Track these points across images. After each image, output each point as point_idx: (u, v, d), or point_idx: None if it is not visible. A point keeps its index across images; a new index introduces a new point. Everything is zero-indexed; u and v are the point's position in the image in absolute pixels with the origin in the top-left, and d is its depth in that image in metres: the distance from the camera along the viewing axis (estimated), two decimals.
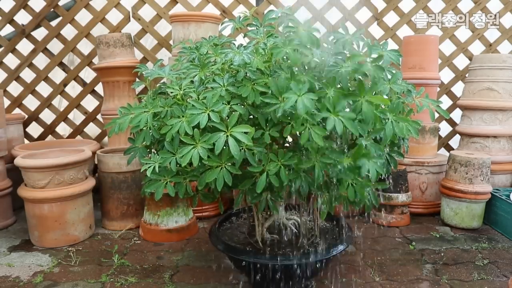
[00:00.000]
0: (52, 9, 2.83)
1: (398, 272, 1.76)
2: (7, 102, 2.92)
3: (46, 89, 2.98)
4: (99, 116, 2.97)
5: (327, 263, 1.53)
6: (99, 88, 2.92)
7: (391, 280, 1.69)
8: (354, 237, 2.13)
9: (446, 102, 2.98)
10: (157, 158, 1.25)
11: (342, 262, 1.84)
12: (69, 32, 2.88)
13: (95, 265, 1.84)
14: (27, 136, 3.01)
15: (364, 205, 2.61)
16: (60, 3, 2.86)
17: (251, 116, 1.28)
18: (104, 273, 1.75)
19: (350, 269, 1.79)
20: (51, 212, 2.00)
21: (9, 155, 2.42)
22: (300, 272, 1.42)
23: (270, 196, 1.34)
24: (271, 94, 1.15)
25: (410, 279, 1.70)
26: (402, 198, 2.30)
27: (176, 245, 2.07)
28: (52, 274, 1.75)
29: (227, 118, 1.16)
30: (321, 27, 3.00)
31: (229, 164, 1.17)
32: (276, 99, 1.13)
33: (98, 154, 2.27)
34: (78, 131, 3.04)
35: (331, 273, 1.73)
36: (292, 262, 1.36)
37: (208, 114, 1.15)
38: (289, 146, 1.41)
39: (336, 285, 1.64)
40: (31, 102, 3.00)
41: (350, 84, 1.18)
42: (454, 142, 2.97)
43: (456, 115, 2.88)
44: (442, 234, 2.21)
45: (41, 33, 2.91)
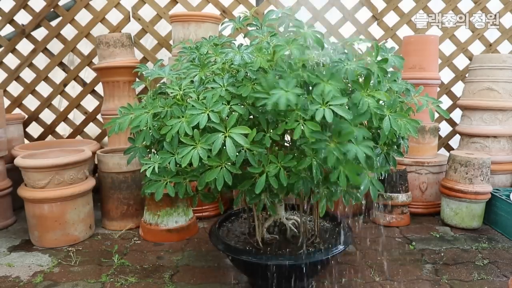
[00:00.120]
0: (52, 9, 2.83)
1: (398, 272, 1.76)
2: (7, 102, 2.92)
3: (46, 89, 2.98)
4: (99, 116, 2.97)
5: (327, 263, 1.53)
6: (99, 88, 2.92)
7: (391, 280, 1.69)
8: (354, 237, 2.13)
9: (446, 102, 2.98)
10: (156, 158, 1.25)
11: (342, 262, 1.84)
12: (69, 32, 2.88)
13: (95, 265, 1.84)
14: (27, 136, 3.01)
15: (364, 204, 2.60)
16: (60, 3, 2.86)
17: (252, 117, 1.28)
18: (104, 273, 1.75)
19: (350, 269, 1.78)
20: (51, 212, 2.00)
21: (9, 155, 2.42)
22: (300, 272, 1.42)
23: (269, 197, 1.34)
24: (263, 90, 1.16)
25: (410, 279, 1.70)
26: (402, 198, 2.30)
27: (176, 245, 2.07)
28: (52, 274, 1.75)
29: (227, 118, 1.16)
30: (321, 27, 3.00)
31: (229, 164, 1.17)
32: (267, 94, 1.14)
33: (98, 154, 2.27)
34: (78, 131, 3.04)
35: (331, 273, 1.73)
36: (292, 262, 1.36)
37: (208, 115, 1.15)
38: (288, 146, 1.40)
39: (336, 285, 1.65)
40: (31, 102, 3.00)
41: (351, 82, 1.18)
42: (454, 142, 2.97)
43: (456, 115, 2.88)
44: (442, 234, 2.21)
45: (41, 33, 2.91)
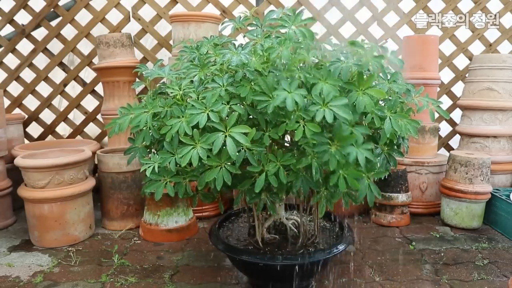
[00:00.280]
0: (52, 9, 2.83)
1: (398, 272, 1.76)
2: (7, 102, 2.92)
3: (46, 89, 2.98)
4: (99, 116, 2.97)
5: (327, 263, 1.53)
6: (99, 88, 2.92)
7: (391, 280, 1.69)
8: (354, 237, 2.13)
9: (446, 102, 2.98)
10: (156, 158, 1.25)
11: (342, 262, 1.84)
12: (69, 32, 2.88)
13: (95, 265, 1.84)
14: (27, 136, 3.01)
15: (363, 204, 2.60)
16: (60, 3, 2.86)
17: (251, 117, 1.28)
18: (104, 273, 1.75)
19: (350, 269, 1.78)
20: (51, 212, 2.00)
21: (9, 155, 2.42)
22: (300, 272, 1.42)
23: (269, 196, 1.34)
24: (262, 92, 1.16)
25: (410, 279, 1.70)
26: (402, 198, 2.30)
27: (176, 245, 2.07)
28: (52, 274, 1.75)
29: (227, 118, 1.16)
30: (321, 27, 2.99)
31: (228, 163, 1.18)
32: (267, 96, 1.14)
33: (98, 154, 2.27)
34: (78, 131, 3.05)
35: (331, 273, 1.73)
36: (292, 262, 1.36)
37: (208, 114, 1.15)
38: (288, 145, 1.41)
39: (336, 285, 1.65)
40: (31, 102, 3.00)
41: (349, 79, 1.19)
42: (454, 142, 2.97)
43: (456, 115, 2.88)
44: (442, 234, 2.21)
45: (41, 33, 2.91)
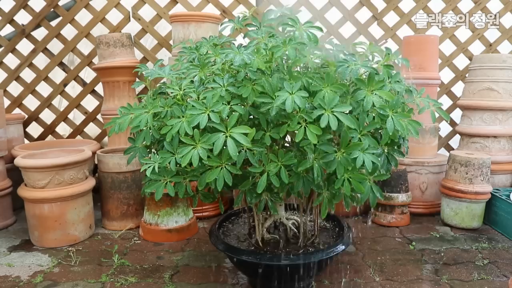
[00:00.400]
0: (52, 9, 2.83)
1: (398, 272, 1.76)
2: (7, 102, 2.92)
3: (46, 89, 2.98)
4: (99, 116, 2.97)
5: (327, 263, 1.53)
6: (99, 88, 2.92)
7: (391, 280, 1.69)
8: (354, 237, 2.13)
9: (446, 102, 2.98)
10: (156, 158, 1.25)
11: (342, 262, 1.84)
12: (69, 32, 2.88)
13: (95, 265, 1.84)
14: (27, 136, 3.01)
15: (364, 204, 2.60)
16: (60, 3, 2.86)
17: (252, 117, 1.28)
18: (104, 273, 1.75)
19: (350, 269, 1.78)
20: (51, 212, 2.00)
21: (9, 155, 2.42)
22: (300, 272, 1.42)
23: (270, 196, 1.34)
24: (266, 94, 1.16)
25: (410, 279, 1.70)
26: (402, 198, 2.30)
27: (176, 245, 2.07)
28: (52, 274, 1.75)
29: (227, 118, 1.16)
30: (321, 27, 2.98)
31: (229, 164, 1.17)
32: (271, 98, 1.14)
33: (98, 154, 2.27)
34: (78, 131, 3.04)
35: (331, 273, 1.73)
36: (292, 262, 1.36)
37: (208, 115, 1.15)
38: (288, 146, 1.40)
39: (336, 285, 1.65)
40: (31, 102, 3.00)
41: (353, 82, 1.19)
42: (454, 142, 2.97)
43: (456, 115, 2.88)
44: (442, 234, 2.21)
45: (41, 33, 2.91)
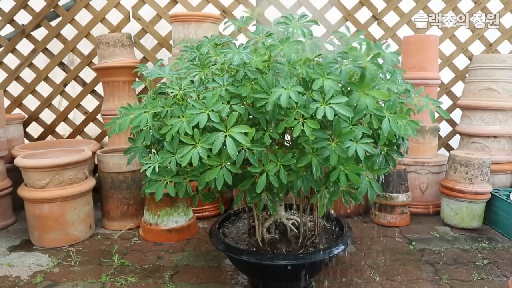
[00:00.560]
0: (52, 9, 2.84)
1: (398, 272, 1.76)
2: (7, 102, 2.93)
3: (46, 89, 2.98)
4: (99, 116, 2.97)
5: (327, 263, 1.53)
6: (99, 88, 2.92)
7: (391, 280, 1.69)
8: (354, 237, 2.13)
9: (446, 102, 2.98)
10: (157, 158, 1.25)
11: (342, 262, 1.84)
12: (69, 32, 2.88)
13: (95, 265, 1.84)
14: (27, 136, 3.01)
15: (364, 204, 2.59)
16: (60, 3, 2.86)
17: (251, 116, 1.28)
18: (104, 273, 1.75)
19: (350, 269, 1.78)
20: (51, 212, 2.00)
21: (9, 155, 2.42)
22: (300, 272, 1.42)
23: (269, 196, 1.34)
24: (262, 91, 1.16)
25: (410, 279, 1.70)
26: (402, 198, 2.30)
27: (176, 245, 2.07)
28: (52, 274, 1.75)
29: (227, 118, 1.16)
30: (321, 27, 2.99)
31: (229, 163, 1.18)
32: (267, 94, 1.14)
33: (98, 154, 2.27)
34: (78, 131, 3.05)
35: (331, 273, 1.73)
36: (292, 262, 1.36)
37: (208, 114, 1.15)
38: (288, 145, 1.40)
39: (336, 285, 1.64)
40: (31, 102, 3.00)
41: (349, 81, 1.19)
42: (454, 142, 2.97)
43: (456, 115, 2.88)
44: (442, 234, 2.21)
45: (41, 33, 2.91)
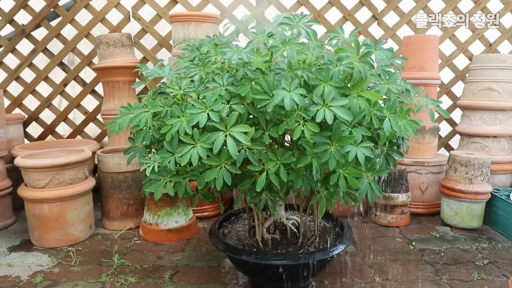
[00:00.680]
0: (52, 9, 2.84)
1: (398, 272, 1.76)
2: (7, 102, 2.93)
3: (46, 89, 2.98)
4: (99, 116, 2.97)
5: (327, 263, 1.53)
6: (99, 88, 2.92)
7: (391, 280, 1.69)
8: (354, 237, 2.13)
9: (446, 102, 2.98)
10: (156, 157, 1.25)
11: (342, 262, 1.84)
12: (69, 32, 2.88)
13: (95, 265, 1.84)
14: (27, 136, 3.01)
15: (364, 204, 2.59)
16: (60, 3, 2.86)
17: (251, 116, 1.28)
18: (104, 273, 1.75)
19: (350, 269, 1.78)
20: (51, 212, 2.00)
21: (9, 155, 2.42)
22: (300, 272, 1.42)
23: (269, 195, 1.34)
24: (263, 91, 1.16)
25: (410, 279, 1.70)
26: (402, 198, 2.30)
27: (176, 245, 2.07)
28: (52, 274, 1.75)
29: (227, 117, 1.16)
30: (321, 27, 2.99)
31: (228, 163, 1.18)
32: (268, 95, 1.14)
33: (98, 154, 2.27)
34: (78, 131, 3.05)
35: (331, 273, 1.73)
36: (292, 262, 1.36)
37: (208, 114, 1.15)
38: (288, 145, 1.41)
39: (336, 285, 1.64)
40: (31, 102, 3.00)
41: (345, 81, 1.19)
42: (454, 142, 2.97)
43: (456, 115, 2.87)
44: (442, 234, 2.21)
45: (41, 33, 2.91)
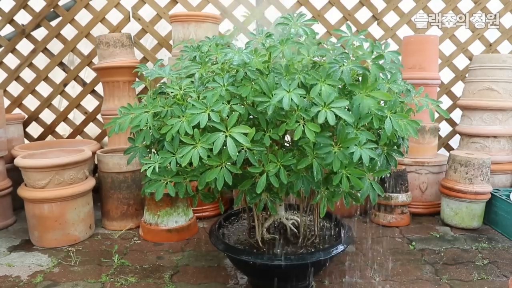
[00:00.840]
0: (52, 9, 2.83)
1: (398, 272, 1.76)
2: (7, 102, 2.92)
3: (46, 89, 2.98)
4: (99, 116, 2.97)
5: (327, 263, 1.53)
6: (99, 88, 2.92)
7: (391, 280, 1.69)
8: (354, 237, 2.13)
9: (446, 102, 2.98)
10: (157, 158, 1.25)
11: (342, 262, 1.84)
12: (69, 32, 2.88)
13: (95, 265, 1.84)
14: (27, 136, 3.01)
15: (363, 204, 2.59)
16: (60, 3, 2.86)
17: (251, 116, 1.28)
18: (104, 273, 1.75)
19: (350, 269, 1.78)
20: (51, 212, 2.00)
21: (9, 155, 2.42)
22: (300, 272, 1.42)
23: (269, 196, 1.34)
24: (263, 93, 1.16)
25: (410, 279, 1.70)
26: (402, 198, 2.30)
27: (176, 245, 2.07)
28: (52, 274, 1.75)
29: (227, 118, 1.16)
30: (321, 27, 2.99)
31: (229, 163, 1.18)
32: (268, 97, 1.14)
33: (98, 154, 2.27)
34: (78, 131, 3.04)
35: (331, 272, 1.73)
36: (292, 262, 1.36)
37: (208, 114, 1.15)
38: (288, 146, 1.40)
39: (336, 285, 1.64)
40: (31, 102, 3.00)
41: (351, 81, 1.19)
42: (454, 142, 2.97)
43: (456, 115, 2.88)
44: (442, 234, 2.21)
45: (41, 33, 2.91)
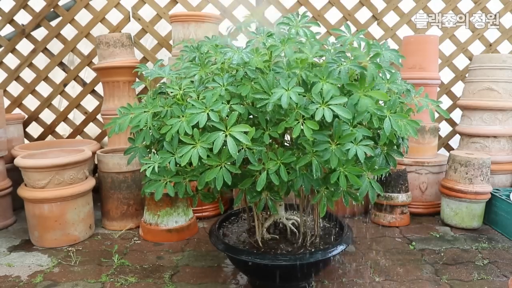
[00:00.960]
0: (52, 9, 2.84)
1: (398, 272, 1.76)
2: (7, 102, 2.93)
3: (46, 89, 2.98)
4: (99, 116, 2.97)
5: (327, 263, 1.53)
6: (99, 88, 2.92)
7: (391, 280, 1.69)
8: (354, 237, 2.13)
9: (446, 102, 2.98)
10: (156, 158, 1.25)
11: (342, 262, 1.84)
12: (69, 32, 2.88)
13: (95, 265, 1.84)
14: (27, 136, 3.01)
15: (364, 204, 2.59)
16: (60, 3, 2.86)
17: (251, 116, 1.28)
18: (104, 273, 1.75)
19: (350, 269, 1.78)
20: (51, 212, 2.00)
21: (9, 155, 2.42)
22: (300, 272, 1.42)
23: (270, 195, 1.34)
24: (263, 91, 1.16)
25: (410, 279, 1.70)
26: (402, 198, 2.30)
27: (176, 245, 2.07)
28: (52, 274, 1.75)
29: (227, 117, 1.16)
30: (321, 27, 2.98)
31: (228, 163, 1.18)
32: (267, 95, 1.14)
33: (98, 154, 2.27)
34: (78, 131, 3.05)
35: (331, 272, 1.73)
36: (292, 262, 1.36)
37: (208, 114, 1.15)
38: (288, 145, 1.41)
39: (336, 285, 1.64)
40: (31, 102, 3.00)
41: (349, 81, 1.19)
42: (454, 142, 2.97)
43: (456, 115, 2.88)
44: (442, 234, 2.21)
45: (41, 33, 2.91)
